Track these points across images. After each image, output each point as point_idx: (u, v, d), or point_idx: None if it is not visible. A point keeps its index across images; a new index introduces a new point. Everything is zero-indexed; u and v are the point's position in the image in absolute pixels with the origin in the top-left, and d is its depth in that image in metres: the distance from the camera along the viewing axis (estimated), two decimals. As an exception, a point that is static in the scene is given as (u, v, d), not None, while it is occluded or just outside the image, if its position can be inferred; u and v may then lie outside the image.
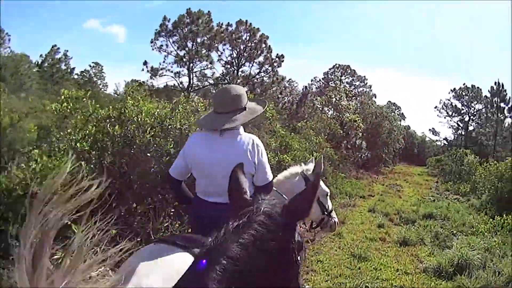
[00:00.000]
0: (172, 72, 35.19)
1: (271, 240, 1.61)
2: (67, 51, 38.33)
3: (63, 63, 38.74)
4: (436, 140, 60.65)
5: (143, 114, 6.00)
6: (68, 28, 71.74)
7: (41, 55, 37.41)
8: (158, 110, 6.36)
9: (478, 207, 16.17)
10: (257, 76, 31.92)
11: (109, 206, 3.56)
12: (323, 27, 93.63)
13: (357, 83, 55.40)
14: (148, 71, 34.77)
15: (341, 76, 52.60)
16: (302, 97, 26.31)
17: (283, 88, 32.95)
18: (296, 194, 1.80)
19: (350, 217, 12.60)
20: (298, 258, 1.75)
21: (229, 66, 31.96)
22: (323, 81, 31.79)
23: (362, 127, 25.36)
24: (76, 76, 40.77)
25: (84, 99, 5.78)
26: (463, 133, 57.38)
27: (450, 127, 59.46)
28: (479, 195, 19.43)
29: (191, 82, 34.42)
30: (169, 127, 6.34)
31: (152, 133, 6.02)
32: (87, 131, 5.66)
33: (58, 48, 37.93)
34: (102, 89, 42.06)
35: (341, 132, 22.69)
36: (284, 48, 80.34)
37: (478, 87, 56.01)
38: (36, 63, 36.88)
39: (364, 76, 56.13)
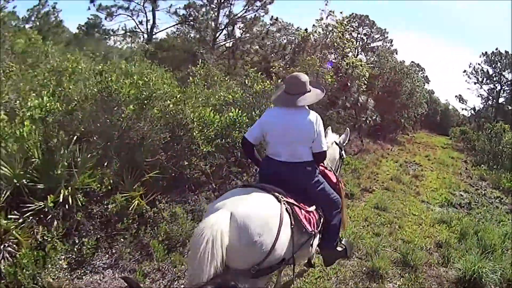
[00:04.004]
0: (129, 9, 25.66)
1: None
2: (56, 3, 30.43)
3: (52, 16, 31.14)
4: (463, 109, 50.96)
5: None
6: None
7: (28, 10, 30.61)
8: None
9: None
10: (246, 15, 22.69)
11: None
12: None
13: (377, 36, 45.98)
14: (97, 9, 25.41)
15: (358, 27, 43.58)
16: (302, 42, 17.25)
17: (277, 31, 23.73)
18: None
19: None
20: None
21: (206, 1, 22.59)
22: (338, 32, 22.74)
23: (367, 75, 16.04)
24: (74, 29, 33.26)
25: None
26: (492, 103, 47.34)
27: (478, 96, 49.63)
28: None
29: (155, 22, 24.99)
30: None
31: None
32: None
33: (46, 1, 30.79)
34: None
35: (333, 82, 13.62)
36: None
37: (512, 54, 45.71)
38: (23, 18, 30.44)
39: (385, 29, 46.63)
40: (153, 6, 23.75)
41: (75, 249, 4.84)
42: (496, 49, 47.63)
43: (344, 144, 5.34)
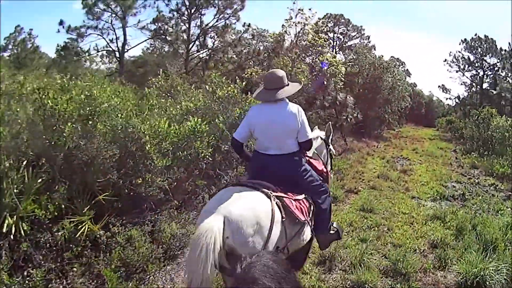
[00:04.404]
0: (99, 29, 24.16)
1: None
2: (32, 29, 30.23)
3: (28, 42, 30.80)
4: (447, 98, 50.39)
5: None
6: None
7: (4, 38, 30.28)
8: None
9: None
10: (217, 24, 21.96)
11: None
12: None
13: (353, 34, 45.48)
14: (67, 31, 24.18)
15: (333, 26, 43.17)
16: (276, 46, 16.55)
17: (252, 38, 22.97)
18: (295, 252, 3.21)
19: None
20: None
21: (176, 14, 21.78)
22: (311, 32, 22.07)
23: (343, 72, 15.33)
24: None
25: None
26: (476, 90, 46.73)
27: (462, 84, 48.87)
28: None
29: (126, 39, 23.97)
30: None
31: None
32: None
33: (22, 28, 30.25)
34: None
35: (309, 82, 12.98)
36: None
37: (492, 38, 45.56)
38: (1, 47, 30.20)
39: (361, 26, 46.24)
40: (123, 23, 22.85)
41: (27, 281, 4.29)
42: (476, 34, 46.99)
43: (330, 140, 5.38)
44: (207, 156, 6.67)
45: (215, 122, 7.19)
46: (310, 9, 15.74)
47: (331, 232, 4.43)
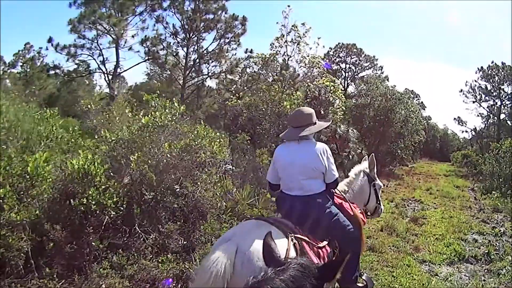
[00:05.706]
0: (87, 48, 21.85)
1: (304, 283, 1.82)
2: (41, 48, 28.62)
3: (37, 61, 29.82)
4: (463, 131, 48.18)
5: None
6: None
7: (13, 54, 29.34)
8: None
9: None
10: (216, 49, 20.02)
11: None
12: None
13: (366, 64, 43.55)
14: (56, 50, 21.58)
15: (345, 57, 41.31)
16: (278, 74, 14.74)
17: (254, 64, 21.10)
18: (329, 262, 2.48)
19: None
20: None
21: (175, 39, 19.88)
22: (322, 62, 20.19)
23: (343, 100, 13.20)
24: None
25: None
26: (493, 121, 44.41)
27: (478, 115, 46.66)
28: None
29: (118, 61, 21.42)
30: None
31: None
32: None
33: (32, 46, 29.04)
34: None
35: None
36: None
37: (509, 66, 43.21)
38: (10, 63, 29.35)
39: (374, 56, 44.44)
40: (115, 44, 20.79)
41: None
42: (492, 62, 45.07)
43: (375, 173, 5.07)
44: (109, 209, 4.50)
45: (133, 159, 5.02)
46: (303, 24, 13.75)
47: (359, 284, 4.13)
